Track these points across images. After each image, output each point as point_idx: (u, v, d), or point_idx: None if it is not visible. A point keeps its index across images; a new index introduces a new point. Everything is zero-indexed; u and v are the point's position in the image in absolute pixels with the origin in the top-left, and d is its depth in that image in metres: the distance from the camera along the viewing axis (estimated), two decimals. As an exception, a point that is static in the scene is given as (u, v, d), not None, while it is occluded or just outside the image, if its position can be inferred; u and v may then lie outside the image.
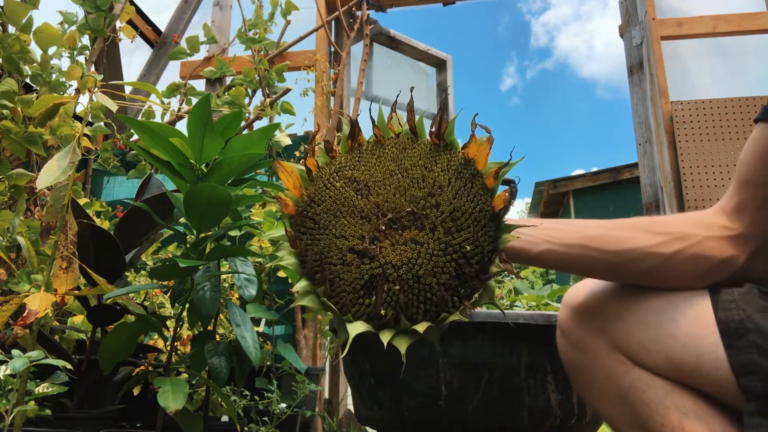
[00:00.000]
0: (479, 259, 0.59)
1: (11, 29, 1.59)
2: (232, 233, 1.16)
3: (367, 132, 0.69)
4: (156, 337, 1.37)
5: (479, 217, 0.61)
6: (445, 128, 0.66)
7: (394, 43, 3.53)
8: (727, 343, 0.57)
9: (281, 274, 1.83)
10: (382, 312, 0.58)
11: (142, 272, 1.81)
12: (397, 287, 0.58)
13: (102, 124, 1.85)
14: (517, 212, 26.57)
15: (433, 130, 0.66)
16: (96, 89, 1.04)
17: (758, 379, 0.54)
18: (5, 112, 1.37)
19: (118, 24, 2.40)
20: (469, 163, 0.64)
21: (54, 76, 1.68)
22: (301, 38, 3.03)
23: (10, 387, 0.78)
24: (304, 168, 0.67)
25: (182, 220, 1.03)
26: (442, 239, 0.59)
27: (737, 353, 0.56)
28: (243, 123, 2.54)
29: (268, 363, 1.68)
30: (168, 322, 1.08)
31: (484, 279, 0.59)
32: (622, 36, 3.05)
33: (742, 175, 0.66)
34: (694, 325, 0.60)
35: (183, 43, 2.92)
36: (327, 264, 0.60)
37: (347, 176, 0.64)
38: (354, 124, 0.67)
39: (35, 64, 1.62)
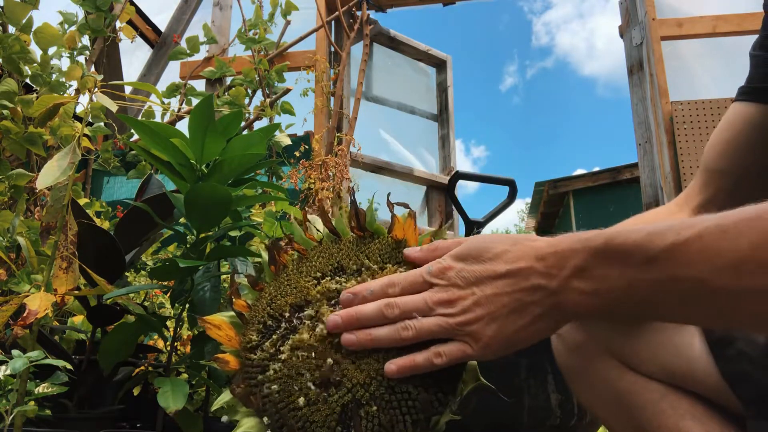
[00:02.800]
0: None
1: (11, 29, 1.59)
2: (232, 234, 1.16)
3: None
4: (156, 337, 1.37)
5: None
6: (365, 219, 0.61)
7: (394, 43, 3.53)
8: (716, 353, 0.56)
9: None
10: None
11: (142, 272, 1.81)
12: (374, 408, 0.50)
13: (102, 124, 1.85)
14: (517, 212, 26.58)
15: (353, 224, 0.61)
16: (96, 89, 1.04)
17: (752, 388, 0.53)
18: (5, 112, 1.37)
19: (118, 24, 2.40)
20: (401, 244, 0.59)
21: (54, 76, 1.68)
22: (301, 38, 3.03)
23: (10, 387, 0.78)
24: (233, 313, 0.60)
25: (182, 220, 1.03)
26: None
27: (727, 363, 0.55)
28: (243, 123, 2.54)
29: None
30: (168, 322, 1.08)
31: (461, 364, 0.53)
32: (622, 36, 3.05)
33: (711, 163, 0.64)
34: (682, 333, 0.60)
35: (183, 44, 2.92)
36: (291, 411, 0.52)
37: (281, 306, 0.58)
38: (271, 249, 0.61)
39: (35, 64, 1.62)
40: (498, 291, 0.46)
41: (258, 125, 2.64)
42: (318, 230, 0.63)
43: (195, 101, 2.80)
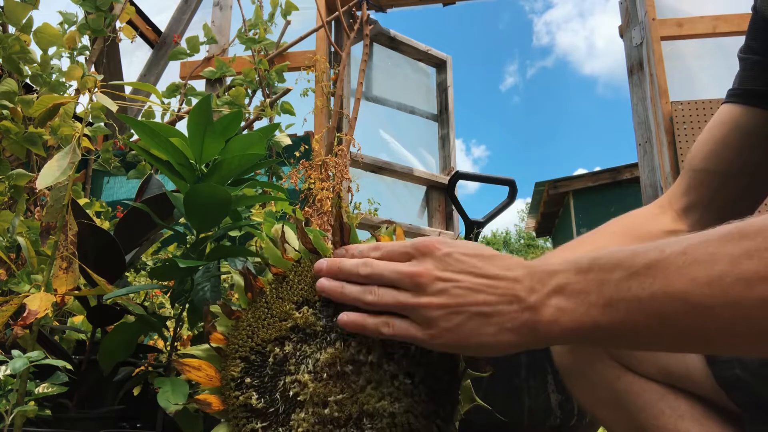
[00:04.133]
0: (448, 366, 0.52)
1: (11, 29, 1.59)
2: (232, 233, 1.16)
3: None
4: (156, 337, 1.37)
5: None
6: (349, 235, 0.57)
7: (394, 44, 3.53)
8: (709, 359, 0.56)
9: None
10: None
11: (142, 272, 1.81)
12: None
13: (102, 124, 1.85)
14: (517, 212, 26.58)
15: (337, 239, 0.58)
16: (96, 89, 1.04)
17: (745, 394, 0.53)
18: (5, 112, 1.37)
19: (118, 24, 2.40)
20: None
21: (54, 76, 1.68)
22: (301, 38, 3.03)
23: (10, 387, 0.78)
24: (210, 348, 0.58)
25: (182, 220, 1.03)
26: (393, 371, 0.51)
27: (720, 369, 0.55)
28: (243, 123, 2.54)
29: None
30: (168, 323, 1.08)
31: (457, 385, 0.53)
32: (622, 36, 3.05)
33: (698, 163, 0.64)
34: None
35: (183, 44, 2.92)
36: None
37: (264, 339, 0.55)
38: (246, 275, 0.58)
39: (35, 65, 1.62)
40: (476, 287, 0.44)
41: (258, 125, 2.64)
42: (296, 249, 0.59)
43: (195, 101, 2.80)
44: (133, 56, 3.47)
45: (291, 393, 0.53)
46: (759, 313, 0.34)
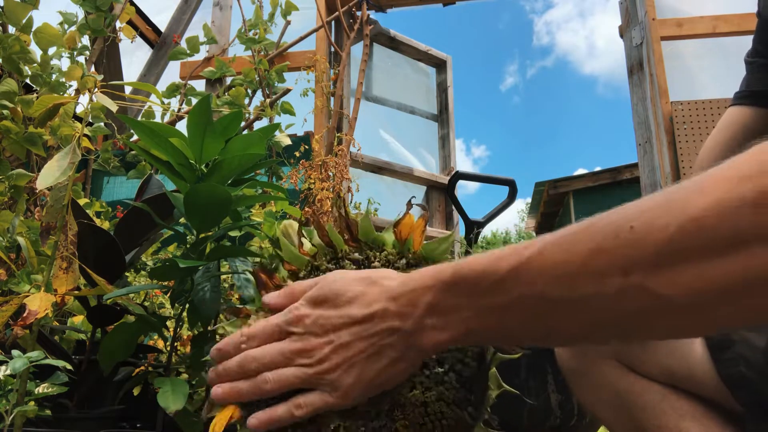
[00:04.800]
0: (476, 351, 0.52)
1: (11, 29, 1.59)
2: (232, 233, 1.16)
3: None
4: (156, 337, 1.37)
5: None
6: (357, 230, 0.57)
7: (394, 44, 3.53)
8: (715, 356, 0.56)
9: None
10: None
11: (142, 272, 1.81)
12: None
13: (102, 124, 1.85)
14: (517, 212, 26.58)
15: (347, 236, 0.58)
16: (96, 89, 1.04)
17: (750, 392, 0.54)
18: (5, 112, 1.37)
19: (118, 24, 2.40)
20: (402, 255, 0.56)
21: (54, 76, 1.68)
22: (301, 38, 3.03)
23: (10, 387, 0.78)
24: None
25: (182, 220, 1.03)
26: (424, 360, 0.51)
27: (725, 366, 0.55)
28: (243, 123, 2.54)
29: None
30: (168, 323, 1.08)
31: (486, 371, 0.52)
32: (622, 36, 3.05)
33: (706, 165, 0.64)
34: None
35: (183, 44, 2.92)
36: None
37: None
38: (258, 273, 0.57)
39: (35, 65, 1.62)
40: (354, 337, 0.45)
41: (258, 125, 2.64)
42: (313, 244, 0.59)
43: (195, 101, 2.80)
44: (133, 56, 3.47)
45: None
46: (616, 304, 0.35)
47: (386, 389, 0.48)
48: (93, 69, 2.37)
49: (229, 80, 3.03)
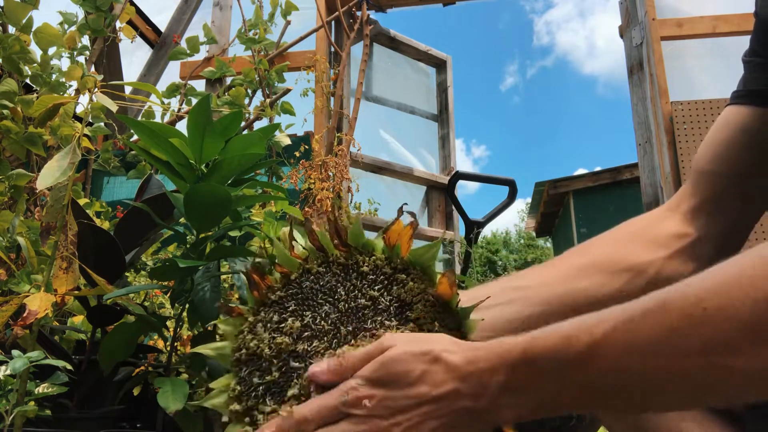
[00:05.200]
0: None
1: (11, 29, 1.59)
2: (232, 233, 1.16)
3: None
4: (156, 337, 1.37)
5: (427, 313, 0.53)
6: (346, 236, 0.57)
7: (394, 44, 3.53)
8: None
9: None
10: None
11: (142, 272, 1.81)
12: None
13: (102, 124, 1.85)
14: (517, 212, 26.58)
15: (336, 242, 0.58)
16: (96, 89, 1.04)
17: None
18: (5, 112, 1.37)
19: (118, 24, 2.40)
20: (391, 261, 0.56)
21: (54, 76, 1.68)
22: (301, 38, 3.03)
23: (10, 387, 0.78)
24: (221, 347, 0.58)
25: (182, 220, 1.03)
26: None
27: None
28: (243, 123, 2.54)
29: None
30: (168, 323, 1.08)
31: None
32: (622, 36, 3.05)
33: (704, 165, 0.64)
34: None
35: (183, 44, 2.92)
36: None
37: (281, 349, 0.55)
38: (250, 275, 0.58)
39: (35, 65, 1.62)
40: (425, 417, 0.44)
41: (258, 125, 2.64)
42: (303, 247, 0.59)
43: (195, 101, 2.80)
44: (133, 56, 3.47)
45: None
46: (692, 380, 0.37)
47: None
48: (93, 69, 2.37)
49: (229, 80, 3.03)
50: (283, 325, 0.56)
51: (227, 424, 0.55)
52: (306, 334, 0.55)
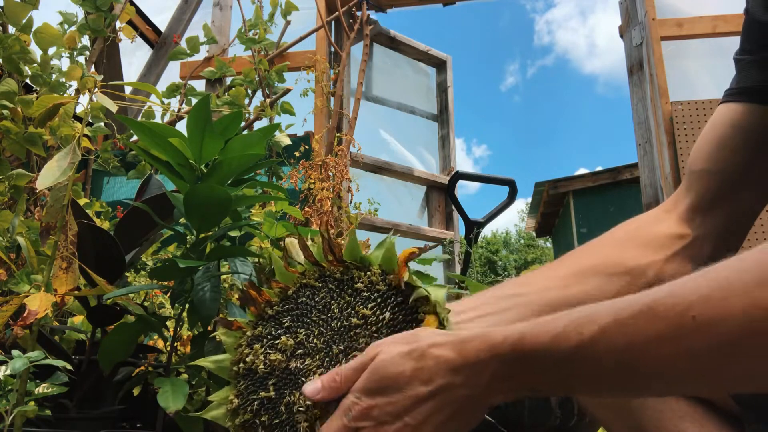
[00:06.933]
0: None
1: (11, 29, 1.59)
2: (232, 234, 1.16)
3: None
4: (156, 337, 1.37)
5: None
6: (341, 252, 0.58)
7: (394, 44, 3.53)
8: None
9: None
10: None
11: (142, 272, 1.80)
12: None
13: (102, 124, 1.85)
14: (517, 212, 26.58)
15: (331, 258, 0.58)
16: (96, 89, 1.04)
17: (749, 392, 0.53)
18: (5, 112, 1.37)
19: (118, 24, 2.40)
20: (386, 277, 0.57)
21: (54, 76, 1.68)
22: (301, 38, 3.03)
23: (10, 387, 0.78)
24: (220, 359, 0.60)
25: (182, 220, 1.03)
26: None
27: None
28: (243, 123, 2.54)
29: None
30: (168, 323, 1.08)
31: None
32: (622, 36, 3.05)
33: (698, 164, 0.64)
34: None
35: (183, 44, 2.92)
36: None
37: (277, 365, 0.55)
38: (246, 292, 0.59)
39: (35, 65, 1.62)
40: (430, 412, 0.45)
41: (258, 125, 2.64)
42: (300, 263, 0.60)
43: (195, 101, 2.80)
44: (133, 56, 3.47)
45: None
46: (677, 376, 0.38)
47: None
48: (93, 69, 2.37)
49: (229, 80, 3.03)
50: (277, 342, 0.56)
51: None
52: (299, 351, 0.55)
